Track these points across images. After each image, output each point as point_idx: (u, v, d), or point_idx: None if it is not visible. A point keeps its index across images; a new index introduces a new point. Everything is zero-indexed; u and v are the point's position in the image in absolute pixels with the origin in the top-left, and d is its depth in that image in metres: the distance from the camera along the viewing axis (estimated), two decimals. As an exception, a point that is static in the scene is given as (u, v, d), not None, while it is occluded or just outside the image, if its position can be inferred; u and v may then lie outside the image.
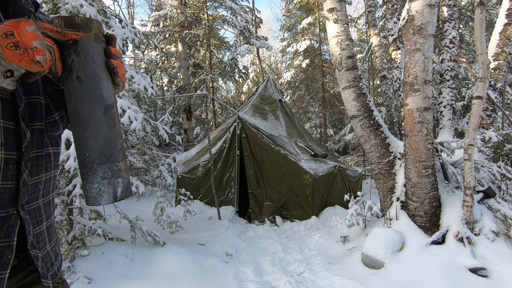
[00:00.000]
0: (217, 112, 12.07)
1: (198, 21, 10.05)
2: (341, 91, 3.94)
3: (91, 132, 0.64)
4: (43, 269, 0.74)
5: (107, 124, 0.66)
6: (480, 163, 3.80)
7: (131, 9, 16.74)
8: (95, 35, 0.65)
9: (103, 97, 0.65)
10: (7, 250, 0.64)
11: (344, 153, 13.67)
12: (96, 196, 0.65)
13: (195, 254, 3.42)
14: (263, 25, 17.51)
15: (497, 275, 2.76)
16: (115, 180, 0.66)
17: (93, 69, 0.64)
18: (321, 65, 13.12)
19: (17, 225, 0.66)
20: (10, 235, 0.65)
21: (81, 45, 0.63)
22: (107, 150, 0.66)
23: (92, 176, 0.64)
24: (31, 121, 0.70)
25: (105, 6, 3.74)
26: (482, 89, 3.02)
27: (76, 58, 0.62)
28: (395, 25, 6.78)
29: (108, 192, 0.65)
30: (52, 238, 0.81)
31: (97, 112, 0.64)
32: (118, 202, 0.74)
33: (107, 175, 0.65)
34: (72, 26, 0.62)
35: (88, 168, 0.64)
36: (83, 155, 0.65)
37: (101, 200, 0.65)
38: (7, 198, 0.64)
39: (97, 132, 0.64)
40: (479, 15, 2.92)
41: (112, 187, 0.66)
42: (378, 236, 3.21)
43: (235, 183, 5.47)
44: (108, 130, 0.66)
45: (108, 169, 0.66)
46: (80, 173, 0.67)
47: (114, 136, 0.67)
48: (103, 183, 0.65)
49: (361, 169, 7.24)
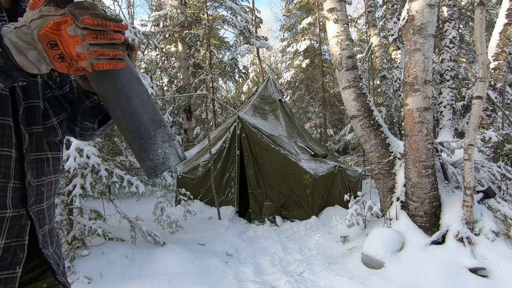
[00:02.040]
0: (217, 112, 12.07)
1: (198, 21, 10.06)
2: (341, 91, 3.94)
3: (136, 102, 0.65)
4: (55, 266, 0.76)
5: (146, 93, 0.68)
6: (480, 163, 3.80)
7: (131, 9, 16.74)
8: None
9: (133, 70, 0.67)
10: (19, 249, 0.66)
11: (344, 153, 13.67)
12: (164, 161, 0.65)
13: (195, 254, 3.42)
14: (263, 25, 17.51)
15: (497, 275, 2.76)
16: (173, 142, 0.67)
17: None
18: (321, 65, 13.12)
19: (28, 224, 0.68)
20: (22, 234, 0.66)
21: None
22: (155, 115, 0.67)
23: (153, 143, 0.65)
24: (28, 124, 0.71)
25: (105, 6, 3.74)
26: (482, 89, 3.02)
27: None
28: (395, 25, 6.78)
29: (173, 154, 0.66)
30: (54, 241, 0.82)
31: (135, 83, 0.66)
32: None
33: (165, 138, 0.66)
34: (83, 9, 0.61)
35: (147, 137, 0.65)
36: (136, 127, 0.65)
37: (170, 162, 0.65)
38: (17, 198, 0.66)
39: (141, 101, 0.65)
40: (479, 15, 2.92)
41: (174, 149, 0.67)
42: (378, 236, 3.21)
43: (235, 183, 5.47)
44: (148, 98, 0.67)
45: (164, 132, 0.66)
46: (137, 148, 0.66)
47: (155, 104, 0.69)
48: (165, 146, 0.65)
49: (361, 169, 7.24)
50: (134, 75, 0.66)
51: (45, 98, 0.76)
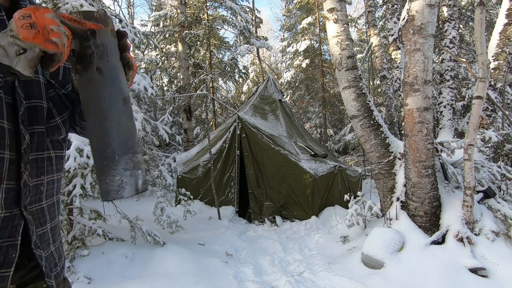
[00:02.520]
0: (217, 112, 12.07)
1: (198, 21, 10.05)
2: (341, 91, 3.94)
3: (112, 122, 0.63)
4: (46, 269, 0.75)
5: (126, 115, 0.66)
6: (480, 163, 3.80)
7: (131, 9, 16.75)
8: (111, 30, 0.67)
9: (122, 89, 0.66)
10: (11, 249, 0.66)
11: (344, 153, 13.67)
12: (118, 189, 0.63)
13: (195, 254, 3.42)
14: (263, 25, 17.51)
15: (497, 275, 2.76)
16: (136, 171, 0.65)
17: (111, 61, 0.65)
18: (321, 65, 13.12)
19: (21, 225, 0.68)
20: (14, 234, 0.67)
21: (100, 38, 0.64)
22: (128, 140, 0.65)
23: (114, 168, 0.63)
24: (30, 124, 0.71)
25: (105, 6, 3.74)
26: (482, 89, 3.02)
27: (96, 50, 0.63)
28: (395, 25, 6.78)
29: (130, 184, 0.64)
30: (57, 239, 0.82)
31: (117, 103, 0.65)
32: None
33: (128, 166, 0.64)
34: (90, 20, 0.63)
35: (110, 159, 0.63)
36: (104, 146, 0.63)
37: (124, 193, 0.63)
38: (11, 198, 0.66)
39: (118, 123, 0.64)
40: (479, 15, 2.92)
41: (134, 179, 0.65)
42: (378, 236, 3.21)
43: (235, 183, 5.47)
44: (127, 121, 0.66)
45: (129, 160, 0.64)
46: (98, 167, 0.64)
47: (133, 128, 0.67)
48: (125, 174, 0.64)
49: (361, 169, 7.24)
50: (121, 94, 0.65)
51: (49, 98, 0.77)
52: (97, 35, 0.63)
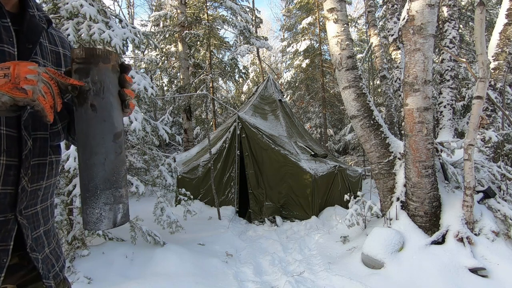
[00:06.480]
0: (217, 112, 12.06)
1: (198, 21, 10.05)
2: (341, 91, 3.94)
3: (98, 158, 0.65)
4: (44, 270, 0.76)
5: (115, 151, 0.67)
6: (480, 163, 3.80)
7: (131, 9, 16.75)
8: (112, 66, 0.67)
9: (114, 125, 0.67)
10: (3, 253, 0.66)
11: (344, 153, 13.67)
12: (96, 222, 0.65)
13: (195, 254, 3.42)
14: (263, 25, 17.51)
15: (497, 275, 2.76)
16: (116, 206, 0.67)
17: (107, 98, 0.66)
18: (321, 65, 13.11)
19: (15, 229, 0.68)
20: (7, 239, 0.67)
21: (98, 75, 0.65)
22: (112, 176, 0.67)
23: (94, 202, 0.65)
24: (34, 130, 0.72)
25: (105, 6, 3.73)
26: (482, 89, 3.02)
27: (92, 87, 0.64)
28: (395, 25, 6.78)
29: (108, 218, 0.66)
30: (51, 242, 0.82)
31: (107, 139, 0.66)
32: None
33: (109, 200, 0.66)
34: (92, 57, 0.64)
35: (91, 193, 0.65)
36: (87, 180, 0.65)
37: (101, 226, 0.65)
38: (6, 203, 0.66)
39: (104, 159, 0.66)
40: (479, 15, 2.92)
41: (113, 213, 0.67)
42: (378, 236, 3.21)
43: (235, 183, 5.47)
44: (115, 157, 0.67)
45: (111, 195, 0.66)
46: (82, 197, 0.67)
47: (120, 163, 0.69)
48: (105, 208, 0.66)
49: (361, 169, 7.24)
50: (112, 130, 0.67)
51: None
52: (95, 72, 0.64)
